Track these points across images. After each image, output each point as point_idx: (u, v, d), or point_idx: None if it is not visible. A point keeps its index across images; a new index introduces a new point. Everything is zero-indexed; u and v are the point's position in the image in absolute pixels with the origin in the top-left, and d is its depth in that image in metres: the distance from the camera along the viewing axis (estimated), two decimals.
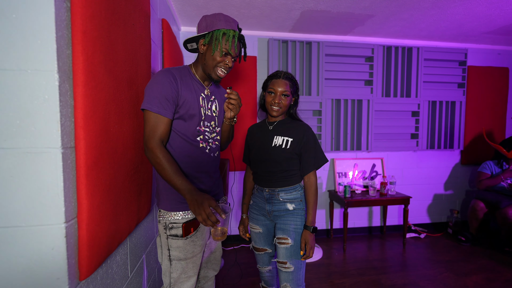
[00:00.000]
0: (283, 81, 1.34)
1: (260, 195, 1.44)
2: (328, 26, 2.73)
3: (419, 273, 2.36)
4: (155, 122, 1.04)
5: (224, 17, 1.12)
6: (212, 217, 0.96)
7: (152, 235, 1.63)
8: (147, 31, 1.38)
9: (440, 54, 3.16)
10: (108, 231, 0.96)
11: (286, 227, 1.35)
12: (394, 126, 3.18)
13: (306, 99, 2.94)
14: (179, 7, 2.32)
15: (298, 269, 1.34)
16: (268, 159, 1.37)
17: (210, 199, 0.98)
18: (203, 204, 0.97)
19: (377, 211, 3.28)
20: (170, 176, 1.01)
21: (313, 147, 1.37)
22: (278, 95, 1.34)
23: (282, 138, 1.37)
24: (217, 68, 1.14)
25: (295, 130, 1.38)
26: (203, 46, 1.14)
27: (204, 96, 1.18)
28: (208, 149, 1.20)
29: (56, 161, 0.74)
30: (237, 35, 1.13)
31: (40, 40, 0.71)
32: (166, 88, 1.05)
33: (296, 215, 1.36)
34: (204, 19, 1.14)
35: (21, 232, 0.74)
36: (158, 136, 1.04)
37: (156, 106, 1.04)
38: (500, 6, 2.27)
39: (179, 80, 1.10)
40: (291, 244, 1.33)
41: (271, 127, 1.42)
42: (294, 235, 1.34)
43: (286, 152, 1.34)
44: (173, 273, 1.15)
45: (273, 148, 1.36)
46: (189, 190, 1.01)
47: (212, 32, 1.11)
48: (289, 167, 1.36)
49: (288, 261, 1.33)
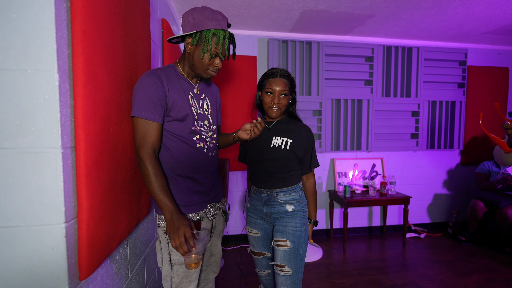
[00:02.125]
0: (281, 80, 1.29)
1: (258, 197, 1.40)
2: (328, 26, 2.73)
3: (419, 273, 2.36)
4: (145, 129, 1.01)
5: (213, 14, 1.05)
6: (184, 247, 0.93)
7: (152, 235, 1.63)
8: (147, 31, 1.38)
9: (440, 54, 3.15)
10: (108, 231, 0.96)
11: (285, 229, 1.32)
12: (394, 126, 3.18)
13: (306, 99, 2.94)
14: (179, 7, 2.32)
15: (296, 273, 1.30)
16: (266, 160, 1.34)
17: (186, 227, 0.94)
18: (178, 230, 0.94)
19: (377, 211, 3.28)
20: (155, 191, 0.99)
21: (313, 148, 1.40)
22: (277, 95, 1.28)
23: (282, 139, 1.33)
24: (208, 70, 1.11)
25: (295, 132, 1.35)
26: (190, 46, 1.08)
27: (193, 95, 1.15)
28: (206, 148, 1.18)
29: (56, 161, 0.74)
30: (227, 36, 1.07)
31: (40, 40, 0.71)
32: (152, 91, 1.02)
33: (296, 216, 1.33)
34: (192, 14, 1.06)
35: (21, 232, 0.74)
36: (149, 145, 1.01)
37: (143, 111, 1.00)
38: (500, 6, 2.27)
39: (165, 81, 1.06)
40: (289, 247, 1.30)
41: (270, 127, 1.38)
42: (293, 238, 1.30)
43: (286, 153, 1.32)
44: (174, 277, 1.12)
45: (272, 149, 1.33)
46: (169, 210, 0.98)
47: (200, 32, 1.05)
48: (288, 167, 1.34)
49: (286, 264, 1.29)
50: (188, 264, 0.98)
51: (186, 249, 0.93)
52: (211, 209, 1.21)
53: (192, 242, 0.94)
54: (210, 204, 1.21)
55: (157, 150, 1.07)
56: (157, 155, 1.07)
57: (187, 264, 0.98)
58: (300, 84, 2.95)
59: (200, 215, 1.17)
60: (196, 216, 1.15)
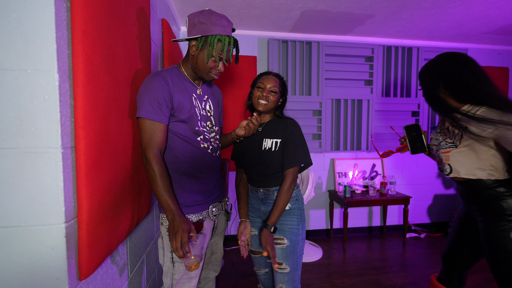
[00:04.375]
0: (273, 78, 1.33)
1: (254, 196, 1.41)
2: (328, 26, 2.73)
3: (419, 273, 2.36)
4: (152, 130, 1.02)
5: (219, 20, 1.07)
6: (179, 252, 0.95)
7: (152, 235, 1.63)
8: (147, 31, 1.38)
9: None
10: (108, 231, 0.96)
11: (282, 227, 1.33)
12: (394, 126, 3.18)
13: (306, 99, 2.94)
14: (179, 7, 2.32)
15: (294, 270, 1.32)
16: (259, 163, 1.34)
17: (184, 232, 0.96)
18: (176, 234, 0.96)
19: (377, 211, 3.28)
20: (160, 192, 1.00)
21: (293, 143, 1.30)
22: (267, 90, 1.30)
23: (271, 140, 1.33)
24: (210, 73, 1.13)
25: (281, 129, 1.34)
26: (195, 49, 1.10)
27: (196, 96, 1.17)
28: (210, 148, 1.19)
29: (56, 161, 0.74)
30: (232, 41, 1.10)
31: (40, 40, 0.71)
32: (157, 92, 1.03)
33: (292, 214, 1.34)
34: (198, 18, 1.07)
35: (21, 232, 0.74)
36: (156, 146, 1.03)
37: (149, 112, 1.02)
38: (500, 6, 2.27)
39: (170, 82, 1.08)
40: (287, 245, 1.31)
41: (260, 128, 1.38)
42: (290, 235, 1.31)
43: (276, 154, 1.32)
44: (175, 274, 1.13)
45: (264, 151, 1.33)
46: (172, 212, 1.00)
47: (206, 37, 1.07)
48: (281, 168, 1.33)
49: (284, 261, 1.31)
50: (187, 266, 1.00)
51: (181, 254, 0.96)
52: (214, 209, 1.22)
53: (187, 247, 0.95)
54: (213, 204, 1.22)
55: (163, 151, 1.08)
56: (163, 156, 1.09)
57: (187, 266, 1.01)
58: (300, 84, 2.95)
59: (203, 215, 1.17)
60: (199, 216, 1.16)
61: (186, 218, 1.03)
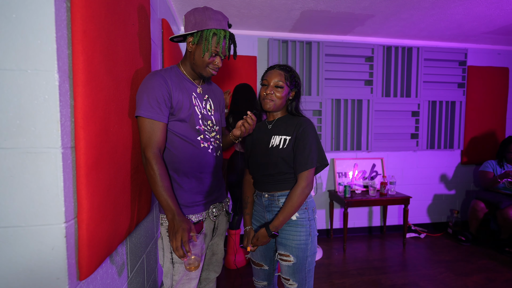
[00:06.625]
0: (277, 71, 1.23)
1: (259, 202, 1.31)
2: (328, 26, 2.73)
3: (419, 273, 2.36)
4: (151, 129, 1.02)
5: (214, 14, 1.07)
6: (180, 251, 0.95)
7: (152, 235, 1.63)
8: (147, 31, 1.38)
9: (440, 54, 3.16)
10: (108, 231, 0.96)
11: (288, 243, 1.21)
12: (394, 126, 3.18)
13: (306, 99, 2.94)
14: (179, 7, 2.32)
15: (302, 285, 1.23)
16: (265, 162, 1.24)
17: (184, 232, 0.95)
18: (176, 234, 0.95)
19: (377, 211, 3.28)
20: (159, 191, 1.00)
21: (305, 143, 1.19)
22: (270, 86, 1.22)
23: (280, 137, 1.23)
24: (208, 68, 1.12)
25: (293, 127, 1.23)
26: (191, 45, 1.10)
27: (196, 95, 1.16)
28: (210, 148, 1.18)
29: (56, 161, 0.74)
30: (227, 35, 1.09)
31: (40, 40, 0.71)
32: (156, 91, 1.03)
33: (300, 226, 1.21)
34: (193, 14, 1.08)
35: (21, 232, 0.74)
36: (155, 145, 1.02)
37: (149, 111, 1.02)
38: (500, 6, 2.27)
39: (170, 81, 1.08)
40: (293, 262, 1.21)
41: (270, 125, 1.29)
42: (296, 252, 1.20)
43: (284, 152, 1.20)
44: (175, 275, 1.13)
45: (271, 149, 1.24)
46: (172, 211, 0.99)
47: (201, 32, 1.07)
48: (288, 169, 1.22)
49: (291, 278, 1.23)
50: (187, 266, 1.00)
51: (181, 253, 0.95)
52: (214, 210, 1.21)
53: (187, 247, 0.95)
54: (213, 204, 1.22)
55: (163, 150, 1.08)
56: (162, 155, 1.08)
57: (187, 266, 1.00)
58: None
59: (203, 216, 1.17)
60: (199, 217, 1.15)
61: (186, 218, 1.03)
